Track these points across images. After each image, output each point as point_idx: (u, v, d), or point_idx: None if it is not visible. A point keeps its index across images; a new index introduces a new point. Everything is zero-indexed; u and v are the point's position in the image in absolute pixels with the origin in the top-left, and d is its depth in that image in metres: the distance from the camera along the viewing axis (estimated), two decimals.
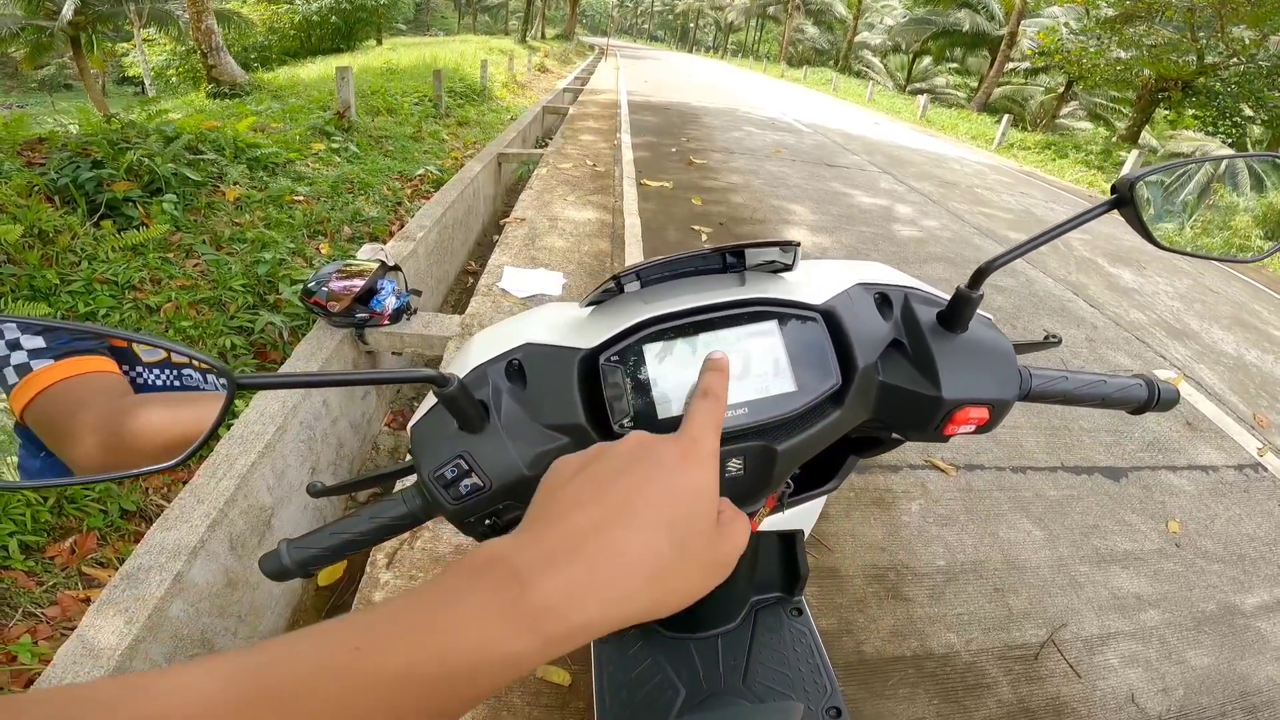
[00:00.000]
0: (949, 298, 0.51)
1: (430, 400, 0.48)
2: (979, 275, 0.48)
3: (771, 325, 0.49)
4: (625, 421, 0.46)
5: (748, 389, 0.48)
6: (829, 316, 0.50)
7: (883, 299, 0.54)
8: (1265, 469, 2.66)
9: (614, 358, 0.47)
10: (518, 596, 0.27)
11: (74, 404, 0.53)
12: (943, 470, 2.28)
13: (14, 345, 0.51)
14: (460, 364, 0.51)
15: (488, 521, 0.46)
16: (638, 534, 0.30)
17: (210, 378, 0.55)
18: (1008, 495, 2.22)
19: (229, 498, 1.58)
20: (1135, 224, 0.51)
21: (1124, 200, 0.49)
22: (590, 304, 0.53)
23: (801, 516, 0.66)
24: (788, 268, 0.53)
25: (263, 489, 1.75)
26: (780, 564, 0.72)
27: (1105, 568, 1.98)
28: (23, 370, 0.51)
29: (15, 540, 1.79)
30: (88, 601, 1.71)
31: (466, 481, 0.44)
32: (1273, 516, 2.37)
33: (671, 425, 0.46)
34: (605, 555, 0.29)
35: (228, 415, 0.37)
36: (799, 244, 0.49)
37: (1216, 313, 4.63)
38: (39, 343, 0.52)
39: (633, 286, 0.52)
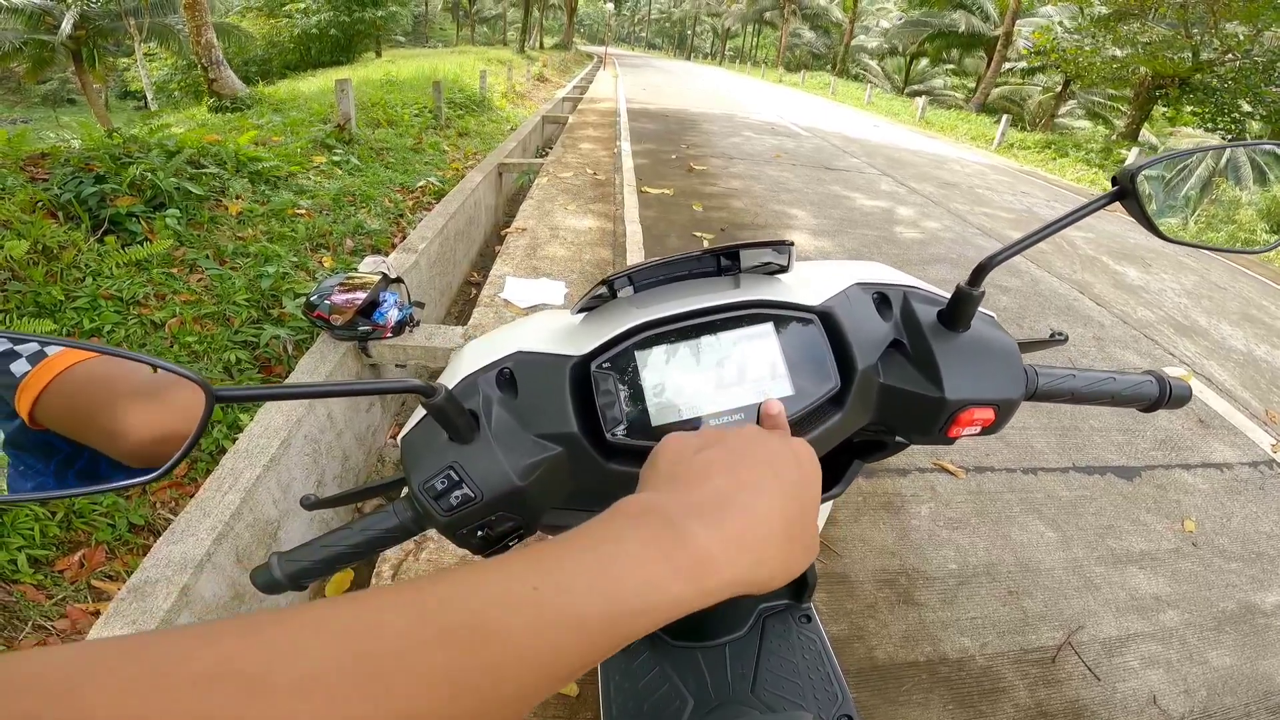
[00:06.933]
0: (949, 296, 0.50)
1: (420, 411, 0.47)
2: (979, 271, 0.47)
3: (768, 328, 0.48)
4: (618, 430, 0.45)
5: (745, 394, 0.47)
6: (826, 318, 0.49)
7: (882, 299, 0.52)
8: None
9: (606, 364, 0.46)
10: (677, 544, 0.28)
11: (101, 378, 0.50)
12: (952, 473, 2.26)
13: (19, 341, 0.50)
14: (451, 374, 0.50)
15: (480, 533, 0.45)
16: (775, 502, 0.32)
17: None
18: (1019, 497, 2.20)
19: (234, 511, 1.57)
20: (1138, 215, 0.49)
21: (1126, 192, 0.48)
22: (581, 310, 0.51)
23: None
24: (783, 269, 0.52)
25: (268, 502, 1.74)
26: None
27: (1121, 568, 1.95)
28: (36, 358, 0.48)
29: (24, 554, 1.79)
30: (96, 614, 1.70)
31: (457, 493, 0.43)
32: None
33: (665, 433, 0.45)
34: (750, 516, 0.31)
35: (213, 429, 0.35)
36: (793, 243, 0.48)
37: (1225, 309, 4.60)
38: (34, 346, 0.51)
39: (626, 291, 0.51)
